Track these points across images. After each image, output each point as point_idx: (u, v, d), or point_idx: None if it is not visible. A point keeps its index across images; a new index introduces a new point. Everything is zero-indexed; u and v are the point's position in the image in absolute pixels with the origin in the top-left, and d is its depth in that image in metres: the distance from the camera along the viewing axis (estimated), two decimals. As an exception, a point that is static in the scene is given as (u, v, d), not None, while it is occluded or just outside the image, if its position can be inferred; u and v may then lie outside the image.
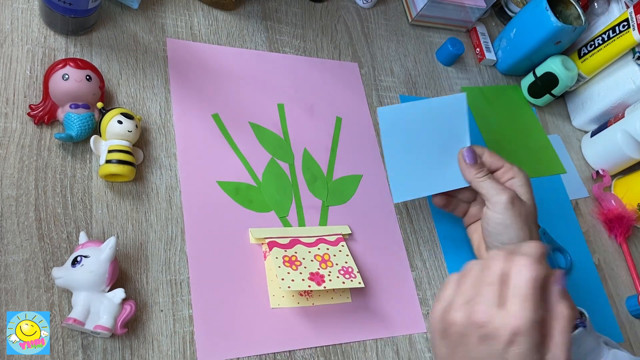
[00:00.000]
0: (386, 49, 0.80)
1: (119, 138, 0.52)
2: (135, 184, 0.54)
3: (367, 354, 0.55)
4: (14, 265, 0.46)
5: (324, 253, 0.57)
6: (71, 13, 0.54)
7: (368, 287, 0.59)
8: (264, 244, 0.57)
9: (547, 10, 0.77)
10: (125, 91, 0.58)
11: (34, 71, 0.54)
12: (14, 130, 0.51)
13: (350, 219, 0.63)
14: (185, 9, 0.67)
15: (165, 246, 0.52)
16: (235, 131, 0.62)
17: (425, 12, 0.82)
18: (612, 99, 0.82)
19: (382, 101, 0.74)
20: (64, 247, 0.48)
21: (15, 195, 0.49)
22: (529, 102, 0.88)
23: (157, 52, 0.62)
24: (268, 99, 0.66)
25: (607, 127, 0.82)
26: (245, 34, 0.70)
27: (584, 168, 0.86)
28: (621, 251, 0.79)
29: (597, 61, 0.82)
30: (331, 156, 0.66)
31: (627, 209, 0.79)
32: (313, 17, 0.76)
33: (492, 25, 0.94)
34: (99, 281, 0.45)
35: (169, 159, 0.57)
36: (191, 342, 0.49)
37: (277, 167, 0.62)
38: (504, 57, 0.87)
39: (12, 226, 0.47)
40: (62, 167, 0.52)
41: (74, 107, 0.52)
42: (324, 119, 0.68)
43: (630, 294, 0.75)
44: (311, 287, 0.53)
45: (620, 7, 0.84)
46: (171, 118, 0.59)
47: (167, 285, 0.51)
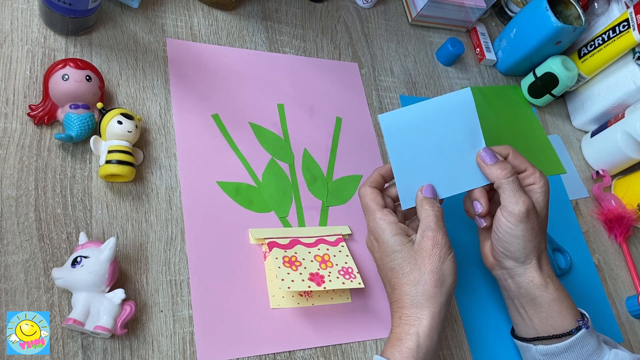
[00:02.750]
0: (386, 49, 0.80)
1: (119, 138, 0.52)
2: (135, 185, 0.54)
3: (367, 354, 0.55)
4: (14, 266, 0.46)
5: (324, 253, 0.57)
6: (71, 13, 0.54)
7: (368, 287, 0.59)
8: (264, 245, 0.57)
9: (547, 10, 0.77)
10: (125, 91, 0.58)
11: (34, 71, 0.54)
12: (14, 131, 0.51)
13: (350, 219, 0.63)
14: (185, 9, 0.67)
15: (165, 247, 0.52)
16: (235, 131, 0.62)
17: (425, 12, 0.82)
18: (612, 99, 0.82)
19: (382, 101, 0.74)
20: (64, 248, 0.48)
21: (15, 195, 0.49)
22: (529, 102, 0.88)
23: (157, 52, 0.62)
24: (268, 99, 0.66)
25: (607, 127, 0.82)
26: (245, 34, 0.70)
27: (584, 168, 0.86)
28: (621, 251, 0.79)
29: (597, 61, 0.82)
30: (331, 156, 0.66)
31: (627, 209, 0.79)
32: (313, 17, 0.76)
33: (492, 25, 0.94)
34: (98, 282, 0.45)
35: (169, 159, 0.57)
36: (191, 343, 0.49)
37: (277, 168, 0.62)
38: (504, 57, 0.87)
39: (12, 226, 0.47)
40: (62, 168, 0.52)
41: (73, 107, 0.52)
42: (324, 119, 0.68)
43: (630, 294, 0.75)
44: (311, 288, 0.53)
45: (620, 7, 0.84)
46: (171, 118, 0.59)
47: (167, 285, 0.51)
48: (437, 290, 0.49)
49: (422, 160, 0.55)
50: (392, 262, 0.51)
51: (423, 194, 0.54)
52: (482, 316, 0.63)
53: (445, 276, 0.50)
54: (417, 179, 0.55)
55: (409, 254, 0.51)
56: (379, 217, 0.53)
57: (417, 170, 0.55)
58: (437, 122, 0.55)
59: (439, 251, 0.50)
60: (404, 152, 0.54)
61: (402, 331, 0.49)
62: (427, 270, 0.50)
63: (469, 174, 0.56)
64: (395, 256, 0.51)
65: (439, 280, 0.49)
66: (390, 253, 0.51)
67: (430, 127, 0.54)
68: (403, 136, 0.54)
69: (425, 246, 0.50)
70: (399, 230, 0.52)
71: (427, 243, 0.50)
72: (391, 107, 0.74)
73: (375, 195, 0.54)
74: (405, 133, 0.54)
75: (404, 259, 0.51)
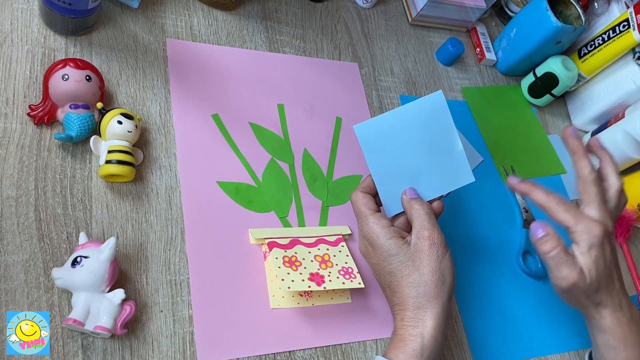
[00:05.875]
0: (386, 49, 0.80)
1: (119, 138, 0.52)
2: (135, 185, 0.54)
3: (367, 354, 0.55)
4: (14, 266, 0.46)
5: (324, 253, 0.57)
6: (71, 13, 0.54)
7: (368, 287, 0.59)
8: (264, 245, 0.57)
9: (547, 10, 0.77)
10: (125, 91, 0.58)
11: (34, 71, 0.54)
12: (14, 131, 0.51)
13: (350, 219, 0.63)
14: (185, 9, 0.67)
15: (165, 246, 0.52)
16: (235, 131, 0.62)
17: (425, 12, 0.82)
18: (612, 99, 0.82)
19: (382, 101, 0.74)
20: (64, 248, 0.48)
21: (15, 195, 0.49)
22: (529, 102, 0.88)
23: (157, 52, 0.62)
24: (268, 99, 0.66)
25: (607, 127, 0.82)
26: (245, 34, 0.70)
27: (584, 168, 0.85)
28: (621, 251, 0.79)
29: (597, 61, 0.82)
30: (331, 156, 0.66)
31: (627, 209, 0.79)
32: (313, 17, 0.76)
33: (492, 25, 0.94)
34: (98, 282, 0.45)
35: (169, 159, 0.57)
36: (191, 343, 0.49)
37: (277, 168, 0.62)
38: (504, 57, 0.87)
39: (12, 226, 0.47)
40: (62, 168, 0.52)
41: (73, 107, 0.52)
42: (324, 119, 0.68)
43: (630, 294, 0.75)
44: (311, 288, 0.53)
45: (620, 7, 0.84)
46: (171, 118, 0.59)
47: (167, 285, 0.51)
48: (438, 290, 0.49)
49: (401, 166, 0.55)
50: (390, 265, 0.51)
51: (408, 195, 0.54)
52: (482, 316, 0.63)
53: (445, 275, 0.50)
54: (398, 185, 0.55)
55: (406, 256, 0.50)
56: (372, 221, 0.52)
57: (398, 177, 0.55)
58: (412, 128, 0.54)
59: (436, 251, 0.50)
60: (382, 160, 0.54)
61: (405, 333, 0.49)
62: (426, 271, 0.49)
63: (448, 176, 0.56)
64: (392, 259, 0.51)
65: (439, 280, 0.49)
66: (387, 257, 0.51)
67: (405, 133, 0.54)
68: (380, 144, 0.54)
69: (423, 247, 0.50)
70: (393, 234, 0.52)
71: (424, 243, 0.50)
72: (391, 107, 0.74)
73: (367, 200, 0.54)
74: (381, 141, 0.54)
75: (402, 262, 0.50)
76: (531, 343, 0.64)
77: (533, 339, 0.65)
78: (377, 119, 0.54)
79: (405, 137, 0.54)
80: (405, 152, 0.54)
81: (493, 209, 0.73)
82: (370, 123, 0.54)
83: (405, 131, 0.54)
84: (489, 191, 0.74)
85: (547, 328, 0.66)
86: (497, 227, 0.71)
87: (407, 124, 0.54)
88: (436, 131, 0.55)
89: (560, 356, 0.65)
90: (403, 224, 0.55)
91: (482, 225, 0.71)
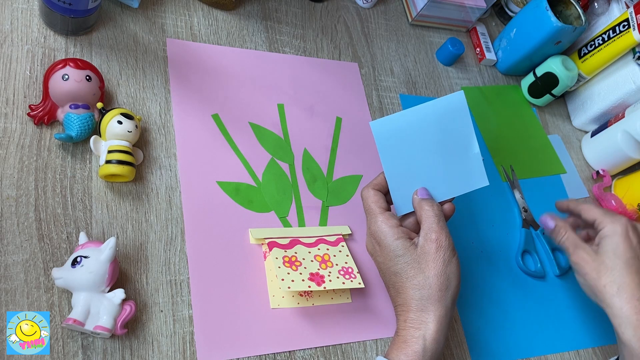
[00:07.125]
0: (386, 49, 0.80)
1: (119, 138, 0.52)
2: (135, 185, 0.54)
3: (367, 354, 0.55)
4: (14, 266, 0.46)
5: (324, 253, 0.57)
6: (71, 13, 0.54)
7: (368, 287, 0.59)
8: (264, 244, 0.57)
9: (547, 10, 0.77)
10: (125, 91, 0.58)
11: (34, 71, 0.54)
12: (14, 131, 0.51)
13: (350, 219, 0.63)
14: (185, 9, 0.67)
15: (165, 246, 0.52)
16: (235, 131, 0.62)
17: (425, 12, 0.82)
18: (612, 99, 0.82)
19: (382, 101, 0.74)
20: (64, 248, 0.48)
21: (15, 195, 0.49)
22: (529, 102, 0.88)
23: (157, 52, 0.62)
24: (268, 99, 0.66)
25: (607, 127, 0.82)
26: (245, 34, 0.70)
27: (584, 168, 0.85)
28: (621, 251, 0.79)
29: (597, 61, 0.82)
30: (331, 156, 0.66)
31: (627, 209, 0.79)
32: (313, 17, 0.76)
33: (492, 25, 0.94)
34: (98, 281, 0.45)
35: (169, 159, 0.57)
36: (191, 343, 0.49)
37: (277, 167, 0.62)
38: (504, 57, 0.87)
39: (12, 226, 0.47)
40: (62, 168, 0.52)
41: (73, 107, 0.52)
42: (324, 119, 0.68)
43: (630, 294, 0.75)
44: (311, 288, 0.53)
45: (620, 7, 0.84)
46: (171, 118, 0.59)
47: (167, 285, 0.51)
48: (442, 294, 0.49)
49: (415, 166, 0.54)
50: (396, 266, 0.51)
51: (419, 196, 0.53)
52: (481, 315, 0.63)
53: (450, 279, 0.50)
54: (410, 184, 0.54)
55: (413, 258, 0.50)
56: (381, 220, 0.52)
57: (411, 176, 0.54)
58: (430, 127, 0.54)
59: (443, 254, 0.50)
60: (396, 158, 0.53)
61: (408, 334, 0.49)
62: (431, 274, 0.49)
63: (463, 178, 0.55)
64: (398, 260, 0.51)
65: (444, 283, 0.49)
66: (393, 257, 0.51)
67: (422, 132, 0.53)
68: (395, 142, 0.53)
69: (430, 249, 0.50)
70: (401, 234, 0.51)
71: (431, 246, 0.50)
72: (391, 106, 0.74)
73: (378, 198, 0.54)
74: (397, 139, 0.53)
75: (408, 263, 0.50)
76: (530, 343, 0.64)
77: (532, 339, 0.65)
78: (394, 117, 0.53)
79: (421, 136, 0.53)
80: (420, 151, 0.54)
81: (492, 208, 0.73)
82: (387, 120, 0.53)
83: (422, 130, 0.53)
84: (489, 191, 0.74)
85: (546, 328, 0.66)
86: (496, 227, 0.71)
87: (425, 122, 0.53)
88: (454, 131, 0.54)
89: (560, 356, 0.65)
90: (412, 224, 0.55)
91: (482, 224, 0.71)
